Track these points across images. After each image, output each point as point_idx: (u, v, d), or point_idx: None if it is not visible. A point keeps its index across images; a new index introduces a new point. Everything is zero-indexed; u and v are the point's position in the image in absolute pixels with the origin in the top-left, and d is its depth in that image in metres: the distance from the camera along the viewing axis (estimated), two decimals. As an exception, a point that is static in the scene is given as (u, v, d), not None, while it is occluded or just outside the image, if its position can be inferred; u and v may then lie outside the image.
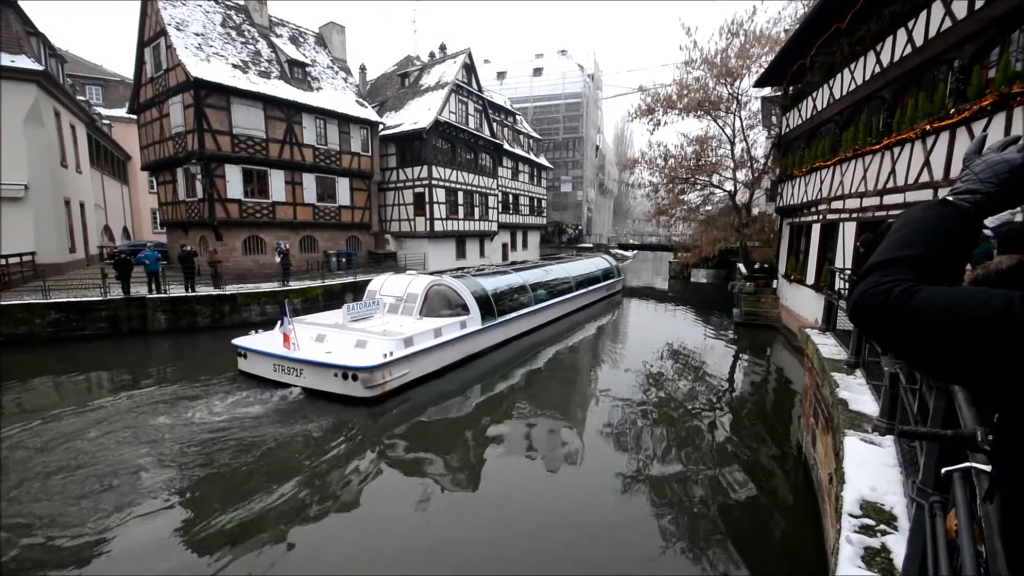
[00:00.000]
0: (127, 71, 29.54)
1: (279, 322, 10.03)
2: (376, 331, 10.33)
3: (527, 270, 17.65)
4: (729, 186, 22.34)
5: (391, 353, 9.35)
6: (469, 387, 10.52)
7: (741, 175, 22.12)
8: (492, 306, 13.11)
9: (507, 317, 13.69)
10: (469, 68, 27.58)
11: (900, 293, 0.80)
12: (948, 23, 7.60)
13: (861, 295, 0.86)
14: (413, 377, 9.98)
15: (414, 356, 9.95)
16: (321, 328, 10.61)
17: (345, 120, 23.21)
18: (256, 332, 10.87)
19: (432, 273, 14.44)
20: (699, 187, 23.25)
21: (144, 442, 7.27)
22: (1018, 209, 4.27)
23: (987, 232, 4.04)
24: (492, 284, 14.07)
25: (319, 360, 9.15)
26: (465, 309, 12.26)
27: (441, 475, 6.81)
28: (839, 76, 11.64)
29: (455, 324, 11.54)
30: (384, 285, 12.91)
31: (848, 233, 10.91)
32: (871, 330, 0.87)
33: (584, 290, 19.96)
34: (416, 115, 25.50)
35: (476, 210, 28.85)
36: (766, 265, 18.93)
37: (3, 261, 15.19)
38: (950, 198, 0.93)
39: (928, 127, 7.78)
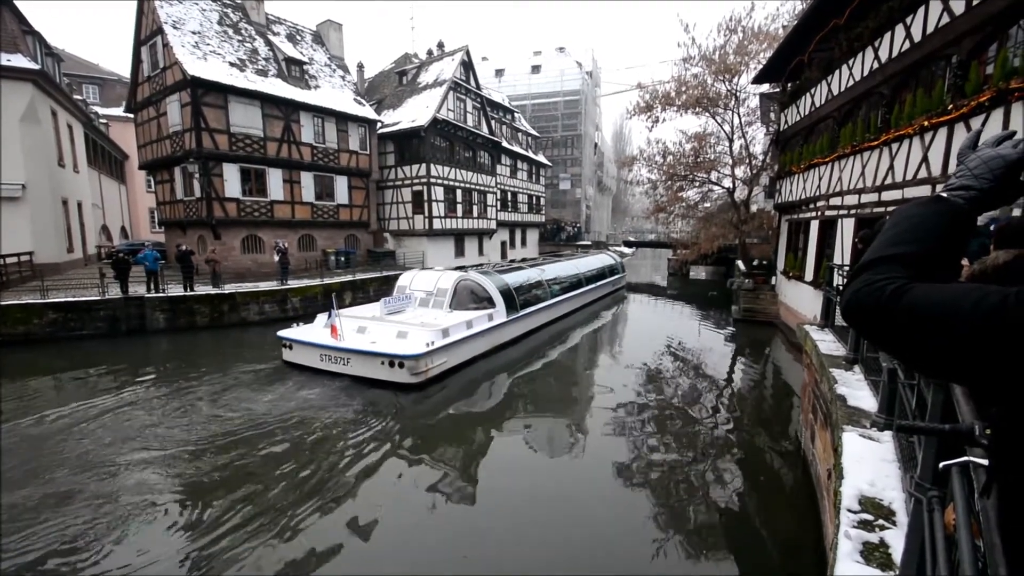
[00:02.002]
0: (124, 70, 29.37)
1: (328, 314, 10.76)
2: (414, 323, 10.97)
3: (541, 266, 18.08)
4: (728, 183, 22.36)
5: (432, 343, 9.98)
6: (497, 376, 11.07)
7: (739, 172, 22.13)
8: (515, 300, 13.70)
9: (528, 310, 14.31)
10: (467, 66, 27.51)
11: (893, 291, 0.79)
12: (946, 19, 7.59)
13: (854, 293, 0.85)
14: (449, 366, 10.61)
15: (450, 346, 10.60)
16: (361, 321, 11.18)
17: (343, 118, 23.15)
18: (297, 325, 11.62)
19: (458, 269, 15.13)
20: (697, 184, 23.26)
21: (199, 430, 7.77)
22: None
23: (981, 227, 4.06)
24: (513, 279, 14.63)
25: (367, 349, 9.82)
26: (491, 303, 12.87)
27: (475, 460, 7.15)
28: (837, 72, 11.63)
29: (483, 316, 12.23)
30: (414, 280, 13.58)
31: (846, 229, 10.91)
32: (864, 328, 0.86)
33: (593, 285, 20.40)
34: (414, 113, 25.44)
35: (475, 208, 28.82)
36: (764, 262, 18.94)
37: (1, 261, 15.16)
38: (944, 194, 0.92)
39: (926, 123, 7.77)
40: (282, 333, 11.12)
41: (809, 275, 13.41)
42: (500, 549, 5.17)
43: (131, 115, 23.19)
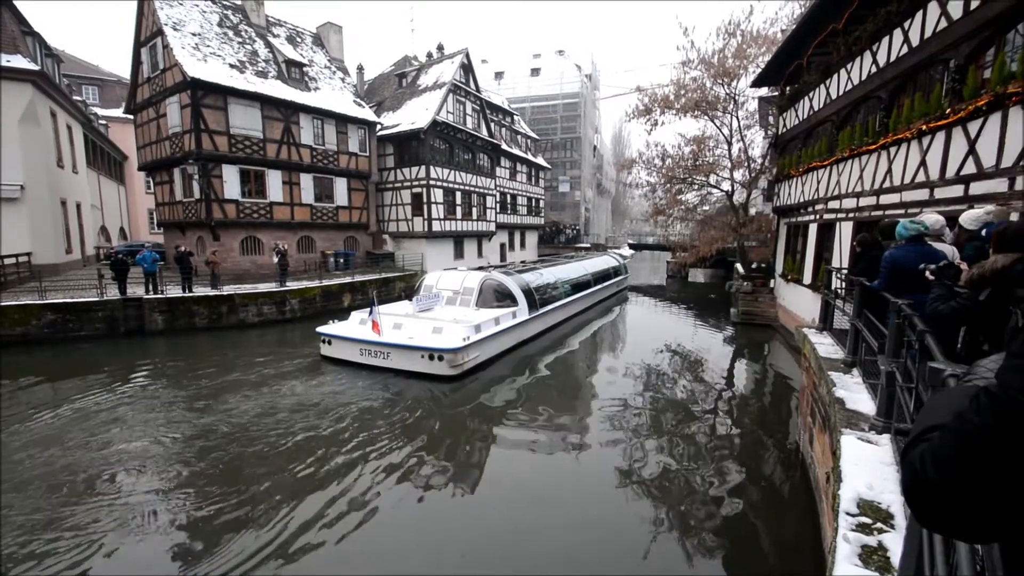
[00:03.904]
0: (124, 71, 29.40)
1: (369, 311, 11.42)
2: (447, 319, 11.54)
3: (554, 266, 18.75)
4: (726, 186, 22.37)
5: (468, 337, 10.63)
6: (518, 370, 11.54)
7: (738, 175, 22.15)
8: (535, 298, 14.45)
9: (545, 309, 15.01)
10: (467, 68, 27.56)
11: (921, 457, 0.79)
12: (944, 23, 7.62)
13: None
14: (481, 359, 11.23)
15: (482, 341, 11.24)
16: (396, 318, 11.78)
17: (343, 120, 23.17)
18: (333, 322, 12.24)
19: (480, 269, 16.15)
20: (696, 187, 23.26)
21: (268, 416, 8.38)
22: (991, 208, 4.27)
23: (970, 228, 4.06)
24: (532, 279, 15.34)
25: (408, 343, 10.50)
26: (513, 301, 13.54)
27: (483, 457, 7.43)
28: (836, 76, 11.67)
29: (508, 314, 12.93)
30: (440, 280, 14.23)
31: (845, 233, 10.93)
32: (929, 508, 0.79)
33: (600, 285, 21.17)
34: (414, 115, 25.47)
35: (474, 210, 28.84)
36: (763, 265, 18.96)
37: (-1, 262, 15.14)
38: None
39: (924, 127, 7.79)
40: (321, 329, 11.82)
41: (808, 278, 13.43)
42: (499, 547, 5.16)
43: (131, 116, 23.17)
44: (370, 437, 7.62)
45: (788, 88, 15.78)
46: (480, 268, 17.11)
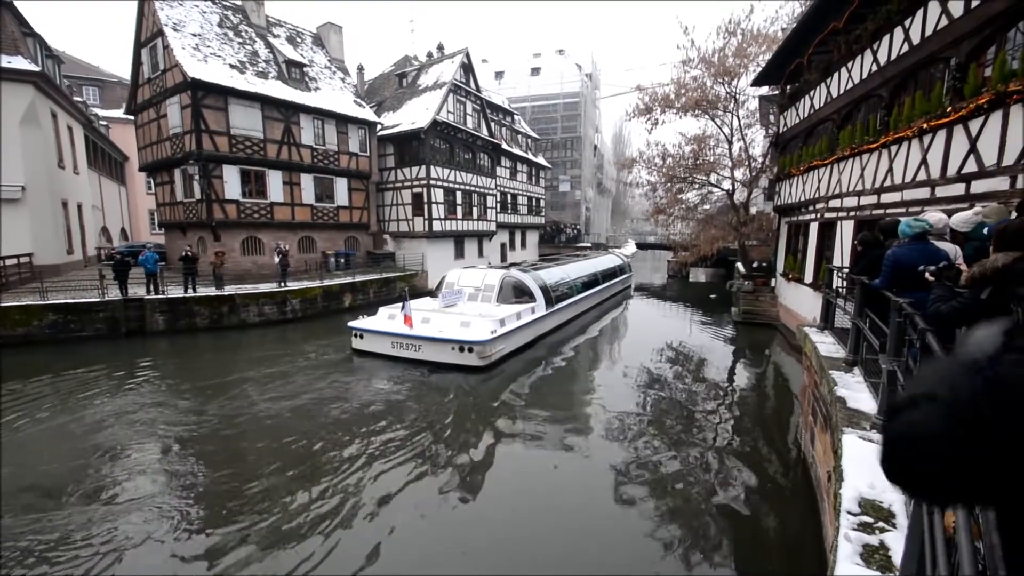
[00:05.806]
0: (124, 72, 29.39)
1: (401, 306, 12.11)
2: (473, 314, 12.07)
3: (565, 265, 19.32)
4: (727, 185, 22.36)
5: (495, 331, 11.18)
6: (536, 365, 11.95)
7: (739, 174, 22.12)
8: (551, 295, 15.05)
9: (561, 304, 15.63)
10: (467, 68, 27.54)
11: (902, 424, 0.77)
12: (944, 21, 7.61)
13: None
14: (506, 352, 11.79)
15: (506, 334, 11.78)
16: (424, 312, 12.35)
17: (343, 120, 23.17)
18: (363, 317, 13.05)
19: (500, 266, 17.06)
20: (697, 186, 23.25)
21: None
22: (979, 208, 4.26)
23: (962, 230, 4.05)
24: (547, 277, 16.01)
25: (439, 336, 11.09)
26: (531, 297, 14.15)
27: (487, 455, 7.49)
28: (836, 75, 11.65)
29: (528, 309, 13.52)
30: (461, 277, 14.84)
31: (846, 232, 10.92)
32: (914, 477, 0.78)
33: (609, 283, 21.97)
34: (414, 115, 25.45)
35: (475, 210, 28.81)
36: (764, 264, 18.94)
37: (0, 263, 15.16)
38: None
39: (925, 125, 7.78)
40: (352, 324, 12.56)
41: (809, 277, 13.41)
42: (501, 545, 5.17)
43: (131, 117, 23.19)
44: (399, 432, 7.81)
45: (789, 87, 15.75)
46: (490, 266, 17.35)
